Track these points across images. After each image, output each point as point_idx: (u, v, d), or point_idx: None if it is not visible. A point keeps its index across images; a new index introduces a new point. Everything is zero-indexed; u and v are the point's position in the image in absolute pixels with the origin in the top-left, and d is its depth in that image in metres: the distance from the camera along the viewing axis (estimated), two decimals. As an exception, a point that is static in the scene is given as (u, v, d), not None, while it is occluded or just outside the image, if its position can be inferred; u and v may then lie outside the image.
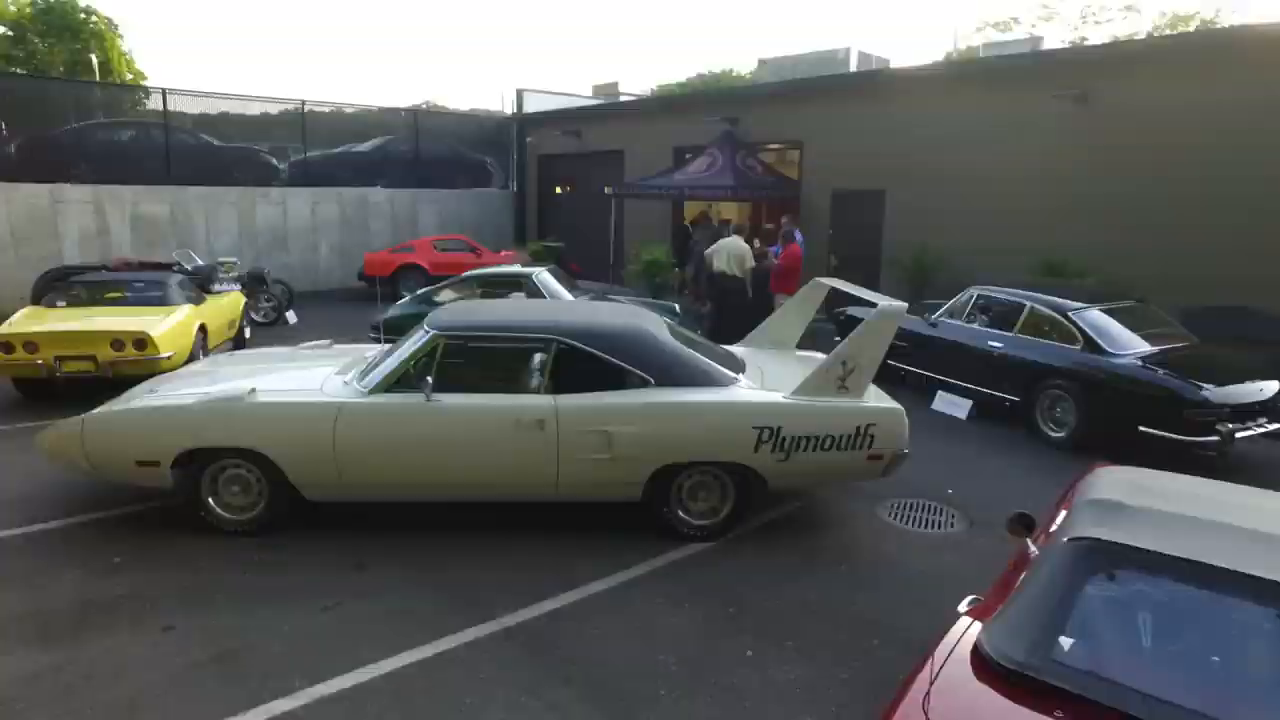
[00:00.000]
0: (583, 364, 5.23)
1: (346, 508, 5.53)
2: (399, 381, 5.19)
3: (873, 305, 5.38)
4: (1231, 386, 6.71)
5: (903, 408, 5.40)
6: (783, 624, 4.42)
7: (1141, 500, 2.84)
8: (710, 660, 4.07)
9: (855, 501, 6.11)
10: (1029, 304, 7.97)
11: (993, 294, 8.50)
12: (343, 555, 5.09)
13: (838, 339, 8.88)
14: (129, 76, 34.30)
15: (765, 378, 5.62)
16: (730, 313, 10.95)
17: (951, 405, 8.43)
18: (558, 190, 21.22)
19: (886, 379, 7.44)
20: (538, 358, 5.42)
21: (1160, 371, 6.88)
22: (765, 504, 5.92)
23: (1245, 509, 2.87)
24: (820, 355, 5.91)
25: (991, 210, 12.10)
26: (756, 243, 13.97)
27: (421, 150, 20.08)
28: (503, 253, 17.47)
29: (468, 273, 10.55)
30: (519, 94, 22.21)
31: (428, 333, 5.32)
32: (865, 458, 5.26)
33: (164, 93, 16.44)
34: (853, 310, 9.82)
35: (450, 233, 18.83)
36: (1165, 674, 2.52)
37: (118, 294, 9.27)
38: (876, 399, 5.43)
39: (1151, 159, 10.56)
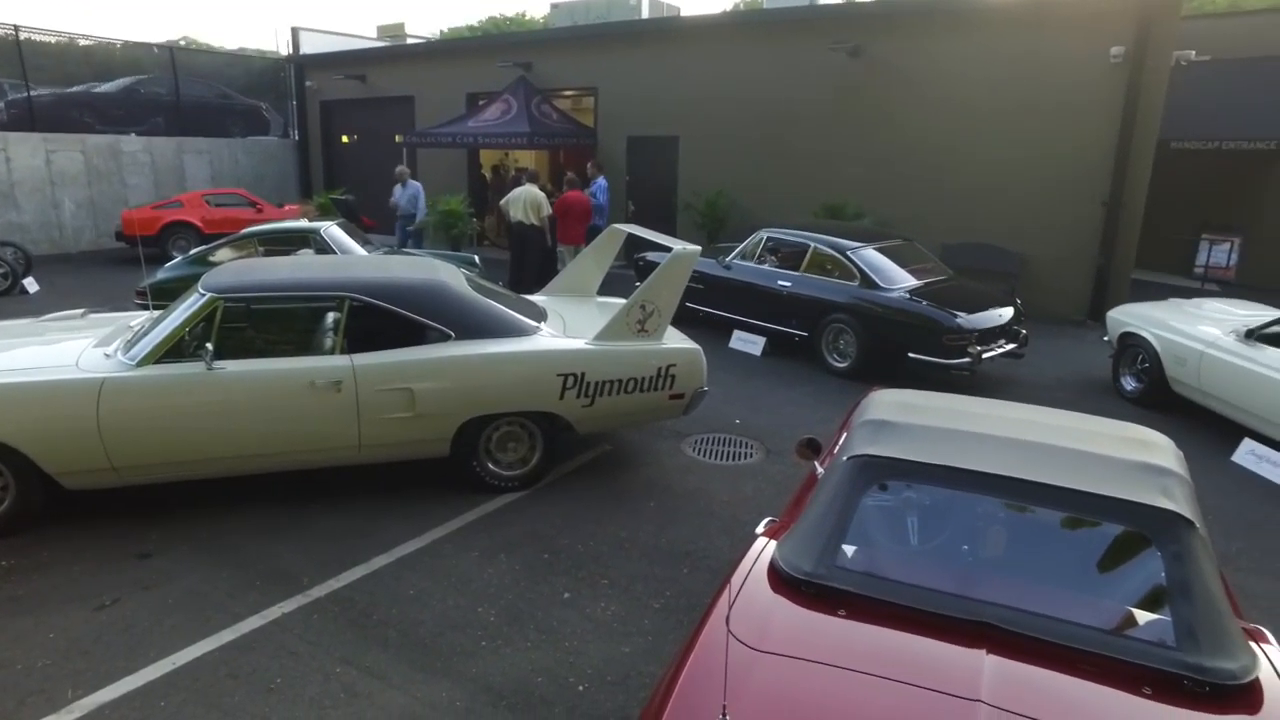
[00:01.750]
0: (379, 321, 5.02)
1: (123, 492, 5.00)
2: (172, 351, 4.73)
3: (668, 250, 5.55)
4: (979, 314, 7.60)
5: (700, 348, 5.65)
6: (598, 563, 4.57)
7: (907, 418, 3.17)
8: (529, 606, 4.13)
9: (660, 440, 6.36)
10: (813, 245, 8.53)
11: (780, 236, 9.02)
12: (121, 545, 4.62)
13: (638, 284, 9.09)
14: None
15: (567, 325, 5.67)
16: (530, 262, 10.87)
17: (746, 343, 8.93)
18: (344, 139, 19.88)
19: (685, 321, 7.75)
20: (330, 317, 5.15)
21: (924, 303, 7.65)
22: (574, 449, 6.04)
23: (990, 419, 3.28)
24: (620, 300, 6.03)
25: (778, 155, 12.80)
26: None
27: (184, 94, 18.00)
28: (287, 207, 16.23)
29: (248, 229, 9.72)
30: (294, 33, 20.39)
31: (204, 295, 4.86)
32: (667, 397, 5.49)
33: None
34: (651, 255, 10.07)
35: (225, 186, 17.18)
36: (928, 566, 2.88)
37: None
38: (675, 340, 5.64)
39: (913, 109, 11.60)
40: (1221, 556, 4.51)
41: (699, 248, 5.62)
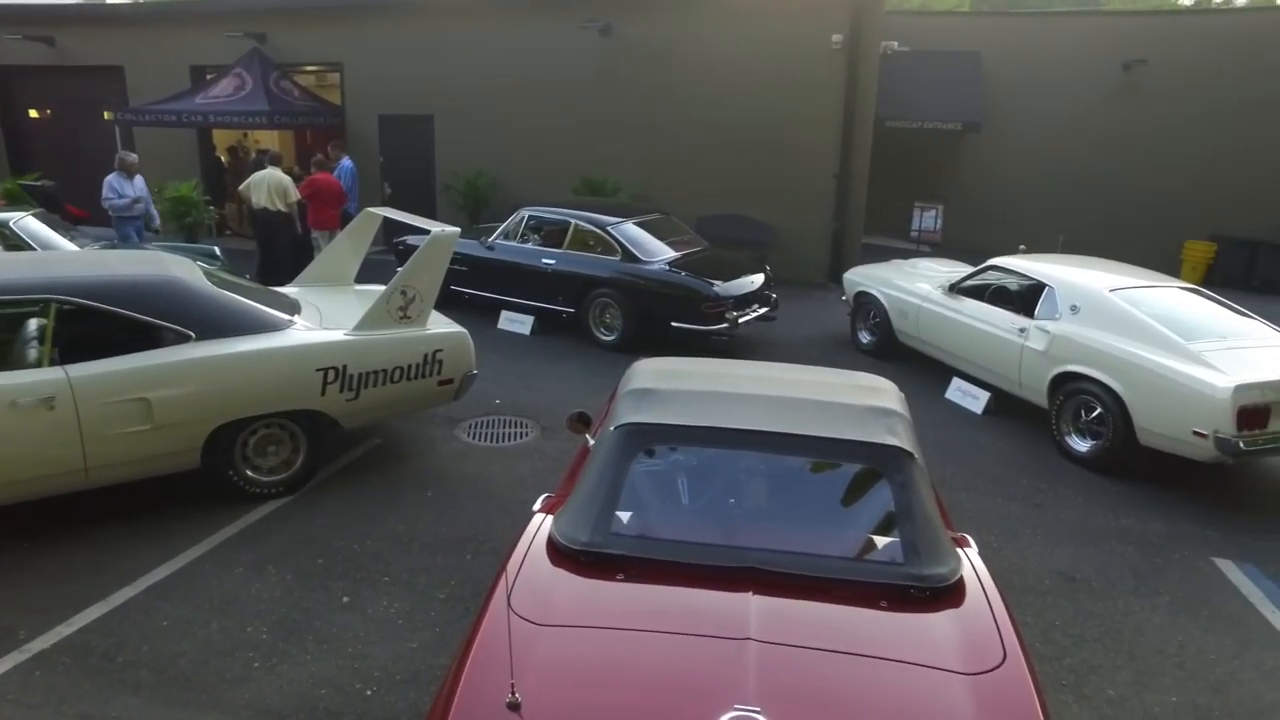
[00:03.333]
0: (99, 325, 4.45)
1: None
2: None
3: (428, 233, 5.39)
4: (733, 281, 8.12)
5: (467, 331, 5.58)
6: (377, 561, 4.40)
7: (669, 384, 3.33)
8: (305, 617, 3.90)
9: (433, 427, 6.21)
10: (574, 221, 8.66)
11: (542, 214, 9.05)
12: None
13: (399, 269, 8.77)
14: None
15: (324, 316, 5.36)
16: (280, 251, 10.10)
17: (515, 323, 8.92)
18: (33, 114, 17.05)
19: (451, 304, 7.60)
20: (33, 324, 4.47)
21: (683, 274, 8.04)
22: (343, 445, 5.75)
23: (745, 378, 3.54)
24: (380, 288, 5.79)
25: (537, 133, 12.80)
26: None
27: None
28: (-40, 196, 13.70)
29: (-95, 224, 8.10)
30: (-55, -20, 17.04)
31: None
32: (436, 384, 5.37)
33: None
34: (410, 239, 9.71)
35: None
36: (697, 522, 3.07)
37: None
38: (440, 325, 5.53)
39: (665, 88, 12.07)
40: (938, 479, 5.21)
41: (458, 229, 5.52)
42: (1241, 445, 5.05)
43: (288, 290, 6.05)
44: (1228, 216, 13.70)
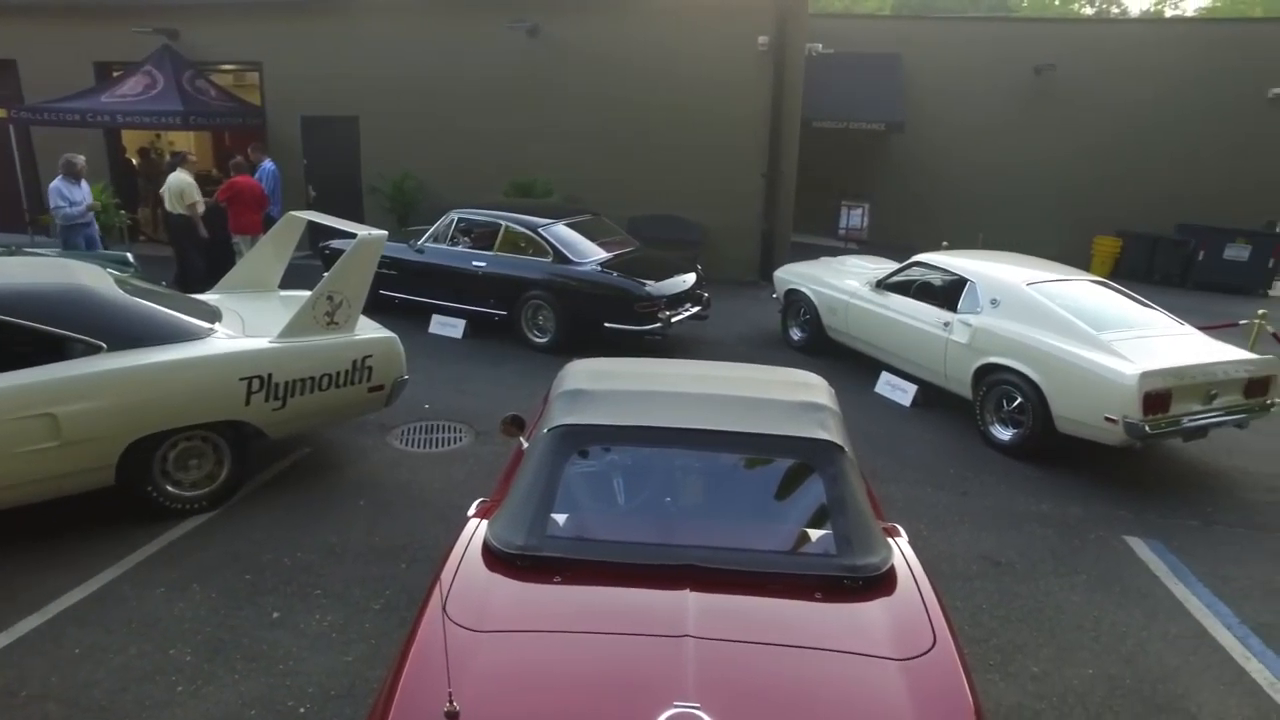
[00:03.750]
0: (-1, 337, 4.21)
1: None
2: None
3: (354, 236, 5.28)
4: (665, 281, 8.17)
5: (396, 335, 5.48)
6: (308, 575, 4.28)
7: (601, 384, 3.33)
8: (232, 636, 3.77)
9: (364, 435, 6.07)
10: (504, 223, 8.57)
11: (472, 216, 8.94)
12: None
13: (326, 274, 8.54)
14: None
15: (246, 324, 5.19)
16: (192, 256, 9.74)
17: (447, 326, 8.78)
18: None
19: (381, 309, 7.44)
20: (-81, 339, 4.22)
21: (614, 274, 8.05)
22: (270, 456, 5.58)
23: (677, 377, 3.56)
24: (306, 293, 5.64)
25: (466, 134, 12.65)
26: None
27: None
28: None
29: None
30: None
31: None
32: (367, 390, 5.27)
33: None
34: (336, 243, 9.48)
35: None
36: (634, 521, 3.07)
37: None
38: (369, 330, 5.41)
39: (595, 89, 12.06)
40: (868, 471, 5.34)
41: (385, 232, 5.43)
42: (1147, 429, 5.32)
43: (208, 297, 5.85)
44: (1133, 214, 14.47)
